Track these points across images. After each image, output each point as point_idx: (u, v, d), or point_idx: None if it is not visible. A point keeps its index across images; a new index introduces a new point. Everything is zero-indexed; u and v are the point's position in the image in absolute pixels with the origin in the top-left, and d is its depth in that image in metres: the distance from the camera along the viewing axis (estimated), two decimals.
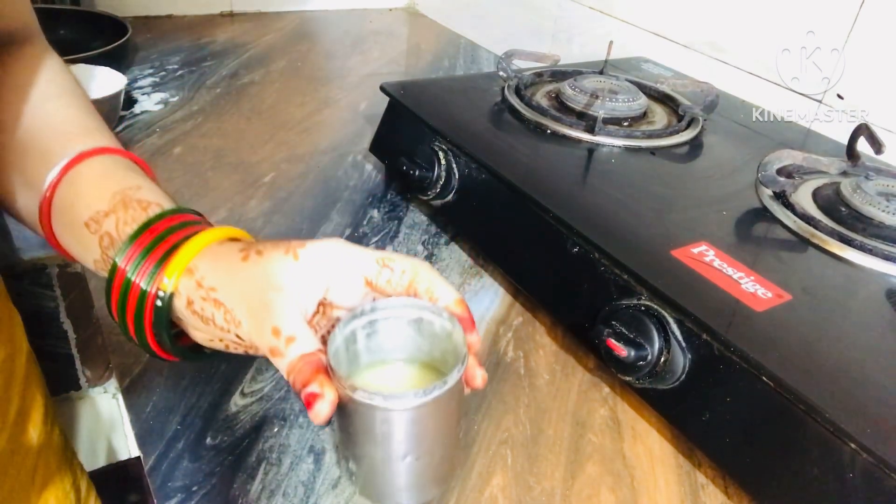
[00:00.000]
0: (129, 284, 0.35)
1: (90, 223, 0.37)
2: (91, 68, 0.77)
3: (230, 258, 0.34)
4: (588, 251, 0.49)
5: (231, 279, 0.34)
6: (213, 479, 0.40)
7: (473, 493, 0.41)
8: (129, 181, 0.38)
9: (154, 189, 0.38)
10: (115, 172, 0.38)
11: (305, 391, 0.31)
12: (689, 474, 0.44)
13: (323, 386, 0.31)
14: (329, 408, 0.31)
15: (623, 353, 0.44)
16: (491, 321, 0.55)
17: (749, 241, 0.53)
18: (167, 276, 0.34)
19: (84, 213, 0.37)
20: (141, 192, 0.37)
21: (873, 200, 0.54)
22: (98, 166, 0.38)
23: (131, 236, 0.35)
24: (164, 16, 1.16)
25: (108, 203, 0.36)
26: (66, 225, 0.38)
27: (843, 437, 0.35)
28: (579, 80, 0.73)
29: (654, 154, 0.64)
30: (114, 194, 0.37)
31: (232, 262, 0.34)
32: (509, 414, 0.47)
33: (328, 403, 0.31)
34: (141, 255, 0.34)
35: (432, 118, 0.64)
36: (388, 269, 0.35)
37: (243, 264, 0.34)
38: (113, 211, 0.36)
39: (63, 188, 0.38)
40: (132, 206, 0.36)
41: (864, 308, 0.46)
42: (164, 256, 0.34)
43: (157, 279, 0.34)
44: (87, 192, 0.37)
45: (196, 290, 0.34)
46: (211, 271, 0.34)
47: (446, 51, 1.19)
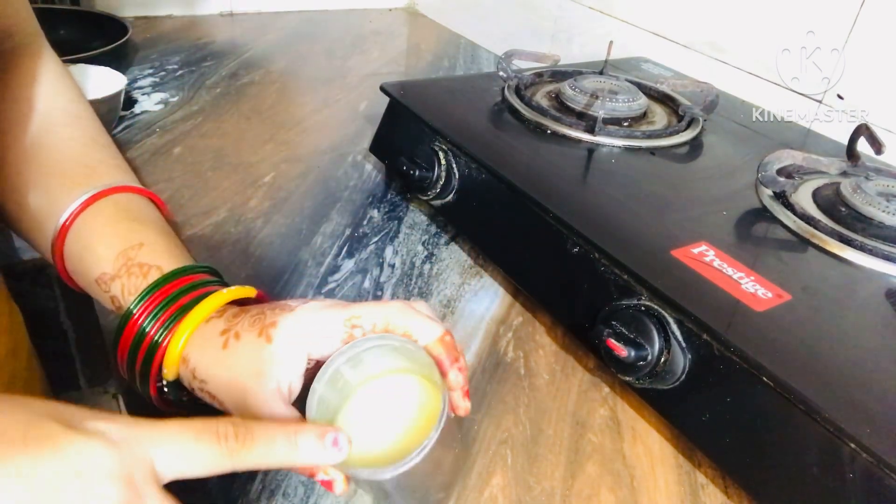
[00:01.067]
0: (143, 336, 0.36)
1: (100, 282, 0.38)
2: (91, 68, 0.77)
3: (213, 345, 0.35)
4: (588, 251, 0.49)
5: (216, 370, 0.35)
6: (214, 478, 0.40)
7: (473, 493, 0.41)
8: (133, 237, 0.39)
9: (157, 245, 0.39)
10: (119, 225, 0.39)
11: (317, 479, 0.32)
12: (689, 474, 0.44)
13: (329, 472, 0.32)
14: (343, 485, 0.32)
15: (623, 353, 0.44)
16: (491, 321, 0.55)
17: (749, 241, 0.53)
18: (165, 367, 0.36)
19: (93, 270, 0.38)
20: (143, 252, 0.38)
21: (873, 200, 0.54)
22: (103, 217, 0.39)
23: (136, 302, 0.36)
24: (164, 16, 1.16)
25: (113, 266, 0.38)
26: (79, 275, 0.40)
27: (843, 437, 0.35)
28: (579, 80, 0.73)
29: (654, 154, 0.64)
30: (117, 256, 0.38)
31: (215, 349, 0.35)
32: (509, 414, 0.47)
33: (341, 483, 0.32)
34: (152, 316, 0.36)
35: (432, 118, 0.64)
36: (358, 329, 0.35)
37: (224, 353, 0.35)
38: (118, 276, 0.37)
39: (71, 239, 0.39)
40: (133, 273, 0.37)
41: (864, 308, 0.46)
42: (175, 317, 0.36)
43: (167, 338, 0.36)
44: (93, 249, 0.38)
45: (192, 381, 0.36)
46: (200, 363, 0.35)
47: (446, 51, 1.19)
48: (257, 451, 0.28)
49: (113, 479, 0.24)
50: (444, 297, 0.57)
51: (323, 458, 0.30)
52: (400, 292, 0.57)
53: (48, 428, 0.24)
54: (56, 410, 0.25)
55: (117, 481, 0.24)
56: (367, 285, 0.57)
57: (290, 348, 0.34)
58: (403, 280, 0.58)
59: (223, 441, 0.27)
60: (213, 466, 0.27)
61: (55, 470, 0.23)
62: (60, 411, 0.25)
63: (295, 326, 0.35)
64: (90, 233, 0.39)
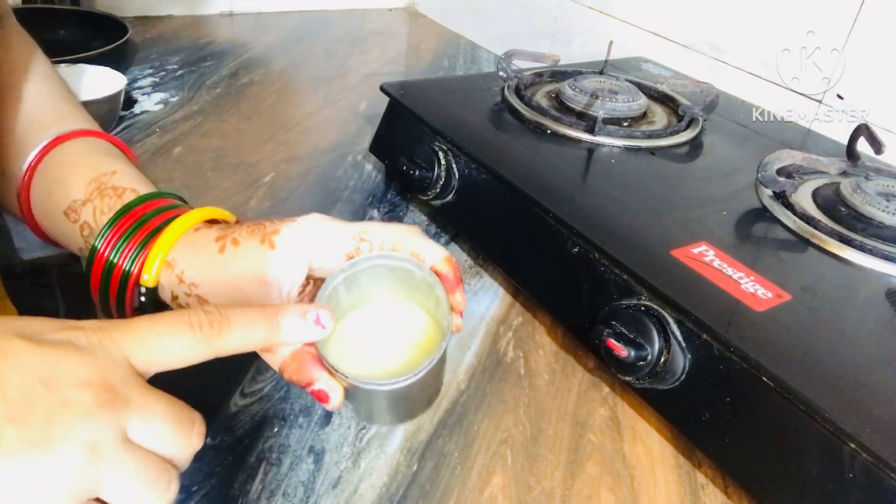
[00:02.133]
0: (111, 268, 0.35)
1: (69, 212, 0.36)
2: (91, 68, 0.77)
3: (207, 250, 0.34)
4: (588, 251, 0.49)
5: (211, 274, 0.34)
6: (213, 479, 0.40)
7: (473, 493, 0.41)
8: (105, 166, 0.37)
9: (130, 173, 0.38)
10: (89, 157, 0.38)
11: (311, 390, 0.32)
12: (689, 474, 0.44)
13: (328, 382, 0.32)
14: (339, 398, 0.32)
15: (623, 353, 0.44)
16: (491, 321, 0.55)
17: (749, 241, 0.53)
18: (146, 272, 0.34)
19: (62, 201, 0.37)
20: (116, 177, 0.37)
21: (873, 200, 0.54)
22: (73, 151, 0.38)
23: (108, 224, 0.35)
24: (164, 16, 1.16)
25: (84, 192, 0.36)
26: (46, 214, 0.38)
27: (843, 436, 0.35)
28: (579, 80, 0.73)
29: (654, 154, 0.64)
30: (89, 182, 0.36)
31: (210, 254, 0.34)
32: (509, 414, 0.47)
33: (338, 396, 0.32)
34: (121, 240, 0.35)
35: (432, 118, 0.64)
36: (366, 244, 0.35)
37: (220, 257, 0.34)
38: (89, 200, 0.36)
39: (39, 175, 0.38)
40: (107, 195, 0.36)
41: (864, 308, 0.46)
42: (145, 241, 0.35)
43: (137, 265, 0.34)
44: (64, 180, 0.37)
45: (178, 286, 0.34)
46: (190, 266, 0.34)
47: (446, 51, 1.19)
48: (236, 334, 0.28)
49: (84, 384, 0.23)
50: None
51: (306, 335, 0.30)
52: None
53: (12, 345, 0.23)
54: (20, 326, 0.24)
55: (89, 386, 0.23)
56: None
57: (293, 255, 0.34)
58: None
59: (197, 329, 0.27)
60: (192, 355, 0.27)
61: (21, 384, 0.22)
62: (24, 326, 0.24)
63: (298, 234, 0.35)
64: (60, 166, 0.38)
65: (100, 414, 0.23)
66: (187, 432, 0.26)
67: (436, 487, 0.41)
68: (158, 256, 0.34)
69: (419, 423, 0.45)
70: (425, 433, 0.45)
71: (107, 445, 0.23)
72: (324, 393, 0.32)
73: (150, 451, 0.25)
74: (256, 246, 0.34)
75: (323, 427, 0.44)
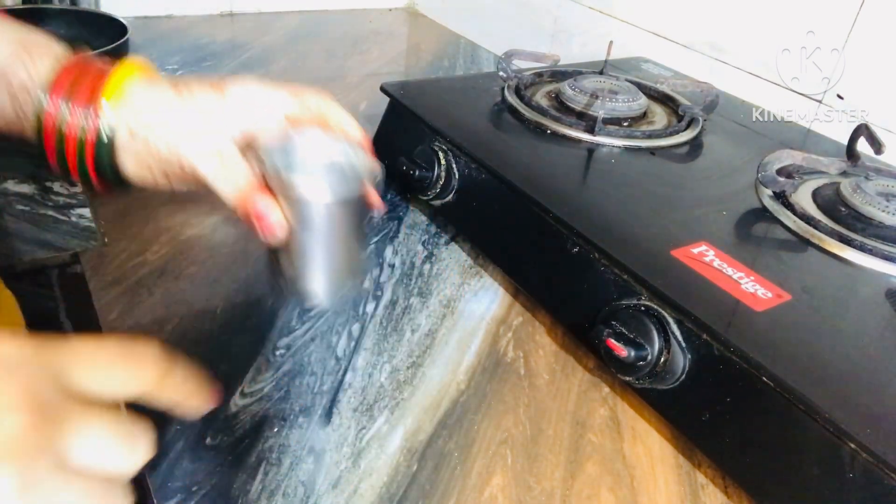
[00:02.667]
0: (63, 123, 0.35)
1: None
2: None
3: (164, 93, 0.37)
4: (588, 251, 0.49)
5: (170, 110, 0.37)
6: (213, 479, 0.40)
7: (473, 493, 0.41)
8: (23, 30, 0.38)
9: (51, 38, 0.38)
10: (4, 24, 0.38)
11: (254, 209, 0.36)
12: (689, 474, 0.44)
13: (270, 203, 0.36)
14: (280, 215, 0.36)
15: (623, 353, 0.44)
16: (491, 321, 0.55)
17: (749, 241, 0.53)
18: (110, 109, 0.36)
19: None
20: (35, 35, 0.37)
21: (873, 200, 0.54)
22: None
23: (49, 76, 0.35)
24: (163, 16, 1.16)
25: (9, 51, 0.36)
26: None
27: (843, 437, 0.35)
28: (579, 80, 0.73)
29: (654, 154, 0.64)
30: (11, 41, 0.36)
31: (167, 96, 0.37)
32: (509, 414, 0.47)
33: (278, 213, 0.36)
34: (69, 91, 0.35)
35: (432, 118, 0.64)
36: (298, 100, 0.41)
37: (179, 98, 0.37)
38: (17, 57, 0.36)
39: None
40: (35, 51, 0.36)
41: (864, 308, 0.46)
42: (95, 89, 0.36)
43: (94, 109, 0.36)
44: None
45: (136, 121, 0.36)
46: (148, 104, 0.37)
47: (446, 51, 1.19)
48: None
49: (11, 409, 0.21)
50: (444, 297, 0.57)
51: None
52: (400, 292, 0.57)
53: None
54: None
55: (17, 411, 0.21)
56: (366, 285, 0.57)
57: (240, 104, 0.39)
58: (403, 280, 0.58)
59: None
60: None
61: None
62: None
63: (242, 91, 0.39)
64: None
65: (31, 441, 0.21)
66: (131, 447, 0.24)
67: (436, 487, 0.41)
68: (118, 92, 0.36)
69: (419, 424, 0.45)
70: (425, 433, 0.45)
71: (42, 476, 0.21)
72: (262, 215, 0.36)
73: (92, 473, 0.23)
74: (210, 91, 0.38)
75: (323, 427, 0.44)
